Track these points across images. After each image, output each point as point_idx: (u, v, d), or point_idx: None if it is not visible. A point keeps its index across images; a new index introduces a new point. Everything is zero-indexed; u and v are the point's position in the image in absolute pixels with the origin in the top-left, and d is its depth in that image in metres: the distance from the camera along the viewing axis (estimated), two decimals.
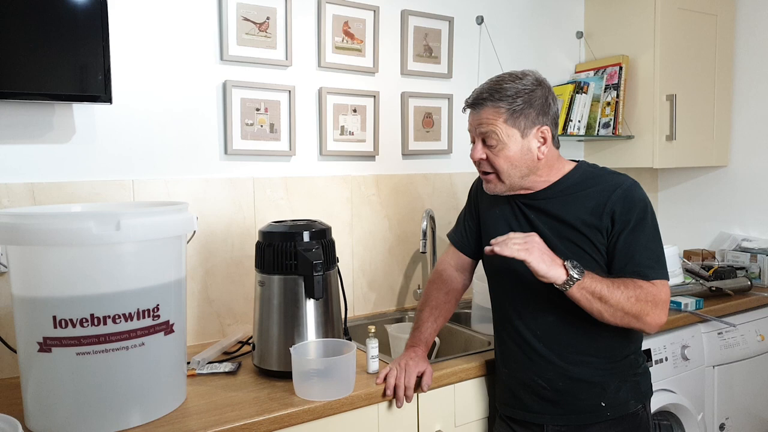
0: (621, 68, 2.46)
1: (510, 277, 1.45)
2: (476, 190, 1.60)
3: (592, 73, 2.57)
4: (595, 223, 1.35)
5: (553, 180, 1.41)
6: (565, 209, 1.38)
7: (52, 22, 1.43)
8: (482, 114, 1.36)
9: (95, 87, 1.51)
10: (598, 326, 1.34)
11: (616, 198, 1.35)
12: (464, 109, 1.43)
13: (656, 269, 1.34)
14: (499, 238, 1.28)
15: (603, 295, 1.27)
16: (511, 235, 1.29)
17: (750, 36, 2.58)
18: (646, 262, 1.33)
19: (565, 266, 1.26)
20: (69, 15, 1.45)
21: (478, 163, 1.40)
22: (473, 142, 1.41)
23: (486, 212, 1.53)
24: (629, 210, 1.34)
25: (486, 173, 1.41)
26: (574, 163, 1.45)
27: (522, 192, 1.43)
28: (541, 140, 1.37)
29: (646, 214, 1.35)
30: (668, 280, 1.36)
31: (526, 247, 1.25)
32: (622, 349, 1.41)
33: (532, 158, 1.37)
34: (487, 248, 1.28)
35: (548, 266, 1.25)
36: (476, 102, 1.37)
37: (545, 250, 1.28)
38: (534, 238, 1.29)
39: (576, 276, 1.25)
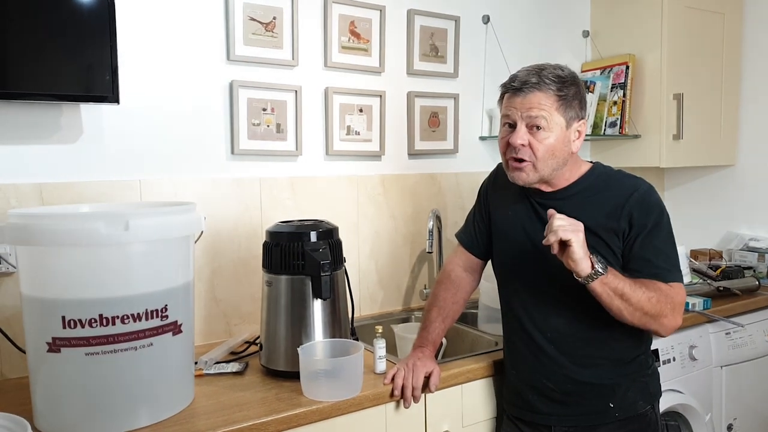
0: (627, 67, 2.45)
1: (521, 278, 1.44)
2: (486, 190, 1.59)
3: (598, 72, 2.56)
4: (612, 226, 1.35)
5: (572, 180, 1.41)
6: (582, 211, 1.37)
7: (59, 22, 1.44)
8: (532, 98, 1.31)
9: (102, 87, 1.51)
10: (608, 329, 1.34)
11: (633, 201, 1.34)
12: (505, 93, 1.38)
13: (672, 272, 1.33)
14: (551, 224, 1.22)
15: (624, 293, 1.25)
16: (557, 222, 1.22)
17: (757, 34, 2.56)
18: (662, 266, 1.33)
19: (591, 259, 1.23)
20: (76, 15, 1.46)
21: (516, 149, 1.34)
22: (512, 126, 1.35)
23: (498, 213, 1.52)
24: (646, 214, 1.33)
25: (520, 160, 1.35)
26: (590, 164, 1.45)
27: (541, 188, 1.41)
28: (577, 134, 1.37)
29: (663, 219, 1.35)
30: (683, 282, 1.35)
31: (574, 229, 1.21)
32: (632, 351, 1.41)
33: (569, 150, 1.36)
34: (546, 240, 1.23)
35: (584, 253, 1.21)
36: (525, 86, 1.32)
37: (584, 239, 1.23)
38: (580, 225, 1.23)
39: (600, 270, 1.23)
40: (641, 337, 1.41)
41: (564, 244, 1.21)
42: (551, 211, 1.26)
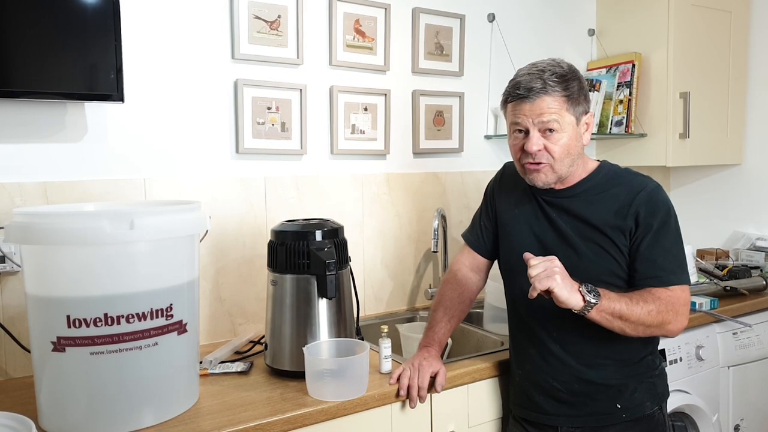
0: (633, 66, 2.44)
1: (527, 278, 1.43)
2: (493, 190, 1.58)
3: (604, 70, 2.55)
4: (618, 225, 1.34)
5: (580, 177, 1.40)
6: (589, 209, 1.37)
7: (64, 21, 1.43)
8: (541, 103, 1.30)
9: (107, 86, 1.50)
10: None
11: (640, 200, 1.33)
12: (509, 102, 1.36)
13: (678, 274, 1.32)
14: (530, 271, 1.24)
15: (623, 314, 1.26)
16: (532, 263, 1.24)
17: (765, 33, 2.55)
18: (668, 267, 1.32)
19: (581, 291, 1.24)
20: (81, 14, 1.45)
21: (532, 154, 1.33)
22: (524, 132, 1.34)
23: (505, 212, 1.51)
24: (653, 213, 1.33)
25: (538, 163, 1.34)
26: (598, 162, 1.44)
27: (551, 186, 1.40)
28: (585, 126, 1.38)
29: (670, 218, 1.34)
30: (689, 284, 1.34)
31: (547, 274, 1.21)
32: (639, 351, 1.40)
33: (581, 145, 1.37)
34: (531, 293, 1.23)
35: (569, 293, 1.22)
36: (532, 93, 1.30)
37: (566, 275, 1.24)
38: (555, 262, 1.24)
39: (593, 301, 1.24)
40: (648, 338, 1.40)
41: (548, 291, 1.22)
42: (527, 255, 1.27)
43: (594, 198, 1.38)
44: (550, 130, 1.31)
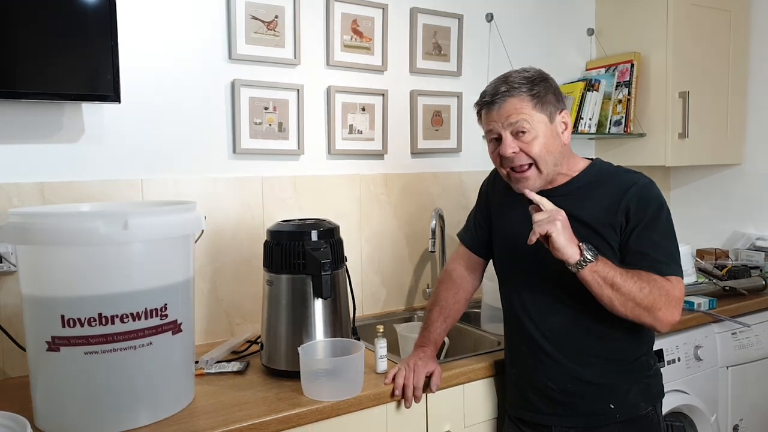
0: (633, 65, 2.44)
1: (520, 277, 1.44)
2: (487, 190, 1.59)
3: (603, 70, 2.55)
4: (609, 221, 1.34)
5: (570, 176, 1.40)
6: (581, 208, 1.36)
7: (61, 22, 1.44)
8: (508, 106, 1.32)
9: (104, 86, 1.51)
10: (608, 328, 1.33)
11: (630, 195, 1.33)
12: (480, 110, 1.38)
13: (670, 266, 1.31)
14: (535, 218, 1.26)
15: (615, 282, 1.25)
16: (537, 217, 1.25)
17: (765, 32, 2.54)
18: (660, 259, 1.31)
19: (580, 246, 1.24)
20: (78, 15, 1.46)
21: (510, 158, 1.34)
22: (498, 139, 1.35)
23: (498, 212, 1.52)
24: (644, 207, 1.32)
25: (520, 169, 1.35)
26: (589, 161, 1.44)
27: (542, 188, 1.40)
28: (563, 125, 1.37)
29: (661, 212, 1.33)
30: (682, 277, 1.33)
31: (549, 220, 1.23)
32: (633, 351, 1.40)
33: (561, 143, 1.37)
34: (531, 238, 1.25)
35: (566, 241, 1.23)
36: (496, 97, 1.32)
37: (567, 226, 1.25)
38: (560, 212, 1.25)
39: (590, 257, 1.23)
40: (642, 337, 1.40)
41: (547, 237, 1.23)
42: (532, 207, 1.29)
43: (585, 196, 1.38)
44: (522, 132, 1.32)
